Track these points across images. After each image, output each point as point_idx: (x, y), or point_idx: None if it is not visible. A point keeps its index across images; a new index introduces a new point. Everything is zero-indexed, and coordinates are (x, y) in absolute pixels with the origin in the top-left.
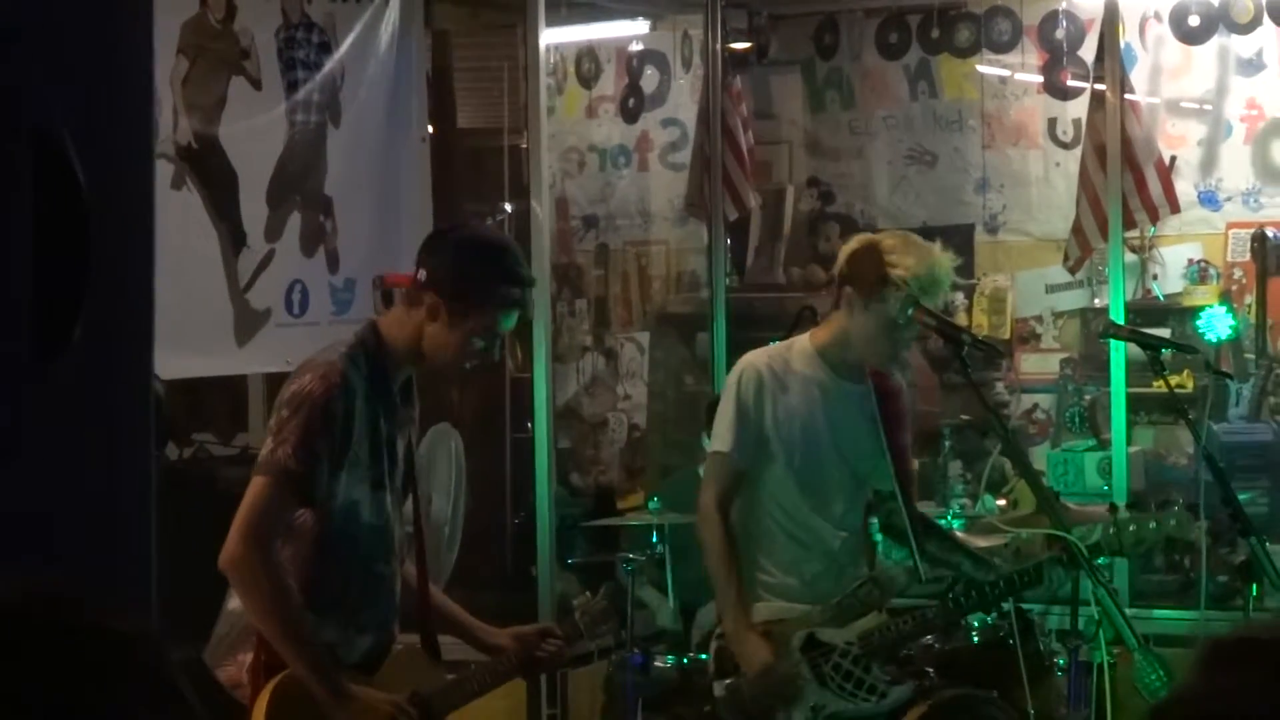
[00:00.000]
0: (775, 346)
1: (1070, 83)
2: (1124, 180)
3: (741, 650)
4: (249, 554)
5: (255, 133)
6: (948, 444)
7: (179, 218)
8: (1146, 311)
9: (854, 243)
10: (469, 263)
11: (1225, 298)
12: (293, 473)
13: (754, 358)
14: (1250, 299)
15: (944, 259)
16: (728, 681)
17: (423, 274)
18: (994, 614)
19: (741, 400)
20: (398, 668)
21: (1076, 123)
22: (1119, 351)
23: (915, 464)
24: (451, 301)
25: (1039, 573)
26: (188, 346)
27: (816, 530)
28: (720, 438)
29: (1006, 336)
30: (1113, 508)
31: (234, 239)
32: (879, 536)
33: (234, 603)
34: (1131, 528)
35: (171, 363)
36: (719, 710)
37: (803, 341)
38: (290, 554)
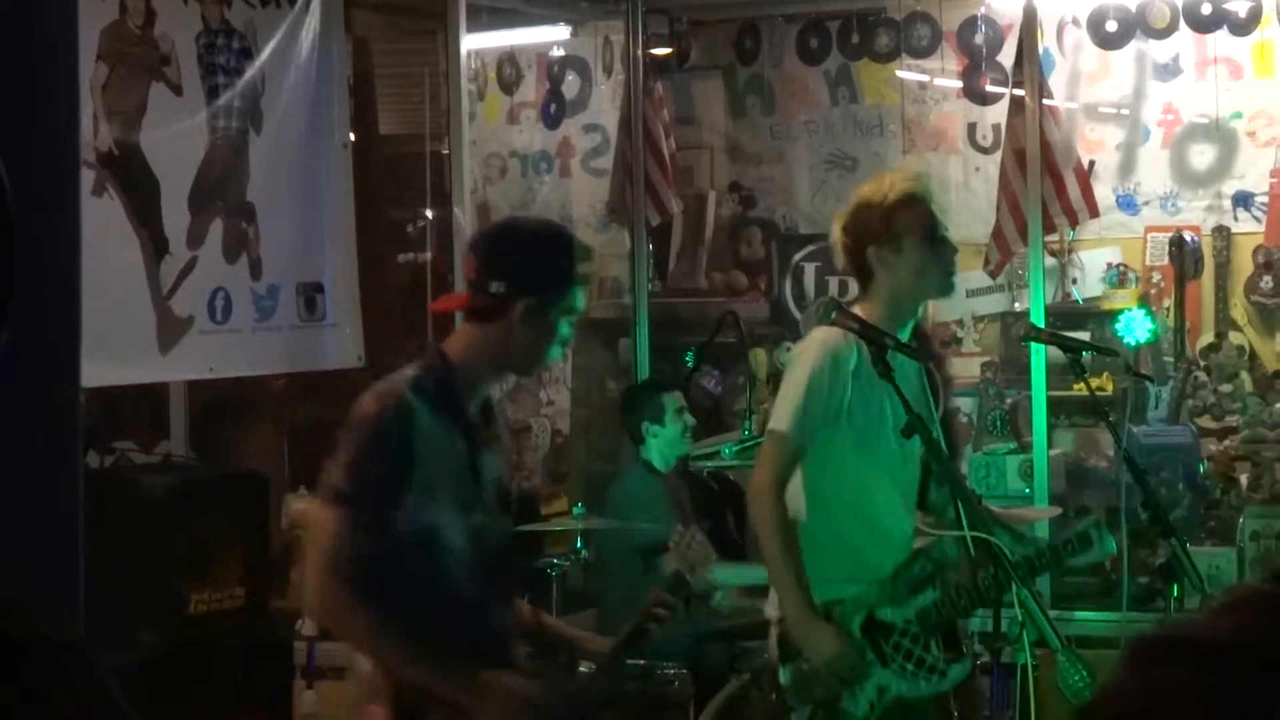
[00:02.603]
0: (832, 331)
1: (989, 88)
2: (1043, 185)
3: (807, 637)
4: (337, 590)
5: (176, 139)
6: None
7: (100, 225)
8: (1066, 315)
9: (850, 215)
10: (546, 254)
11: (1144, 301)
12: (345, 495)
13: (830, 334)
14: (1169, 302)
15: (902, 170)
16: (792, 666)
17: (498, 286)
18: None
19: (818, 379)
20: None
21: (996, 128)
22: (1039, 355)
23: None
24: (540, 297)
25: (1085, 539)
26: (110, 354)
27: (896, 515)
28: (788, 417)
29: None
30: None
31: (156, 246)
32: None
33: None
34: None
35: (93, 371)
36: (785, 696)
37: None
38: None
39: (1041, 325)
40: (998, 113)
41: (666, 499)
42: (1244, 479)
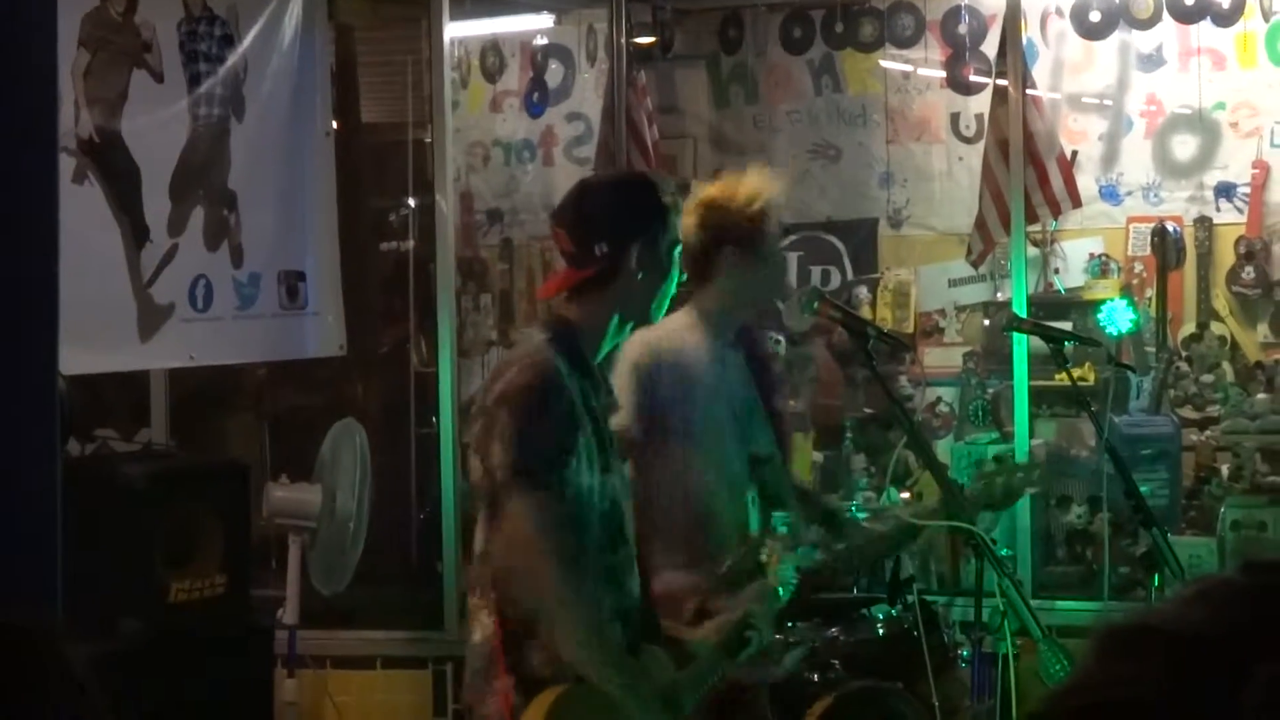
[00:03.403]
0: (659, 326)
1: (973, 78)
2: (1026, 175)
3: None
4: (546, 568)
5: (157, 126)
6: (850, 437)
7: (80, 212)
8: (1048, 305)
9: (698, 208)
10: (633, 196)
11: (1126, 291)
12: (525, 472)
13: (647, 338)
14: (1151, 292)
15: (758, 173)
16: None
17: (603, 245)
18: (898, 605)
19: (640, 386)
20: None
21: (979, 117)
22: (1021, 344)
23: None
24: (645, 237)
25: (912, 531)
26: (90, 342)
27: (726, 509)
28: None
29: (910, 330)
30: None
31: (136, 234)
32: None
33: (477, 635)
34: (1000, 479)
35: (74, 358)
36: None
37: (684, 315)
38: None
39: (1023, 315)
40: (981, 103)
41: None
42: (1225, 469)
